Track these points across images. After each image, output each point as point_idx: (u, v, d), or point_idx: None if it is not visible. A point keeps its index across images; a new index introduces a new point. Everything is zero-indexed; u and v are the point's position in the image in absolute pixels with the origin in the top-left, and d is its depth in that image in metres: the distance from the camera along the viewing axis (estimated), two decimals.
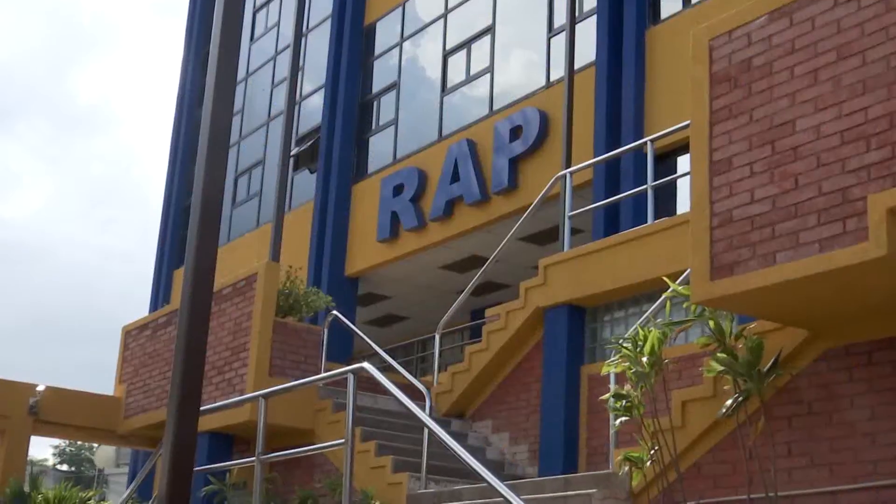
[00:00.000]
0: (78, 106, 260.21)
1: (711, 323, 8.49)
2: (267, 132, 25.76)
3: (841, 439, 8.17)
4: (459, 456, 8.40)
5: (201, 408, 10.53)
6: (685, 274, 8.92)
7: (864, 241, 6.83)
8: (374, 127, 22.73)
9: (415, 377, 13.81)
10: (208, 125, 6.21)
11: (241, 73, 26.73)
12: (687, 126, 8.79)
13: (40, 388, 16.74)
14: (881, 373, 8.03)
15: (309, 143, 23.69)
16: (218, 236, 6.30)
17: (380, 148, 22.21)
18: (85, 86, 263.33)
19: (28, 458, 17.37)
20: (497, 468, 12.07)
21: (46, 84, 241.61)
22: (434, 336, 15.03)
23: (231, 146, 25.94)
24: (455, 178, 18.75)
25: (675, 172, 13.70)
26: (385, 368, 12.83)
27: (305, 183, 23.75)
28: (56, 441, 58.53)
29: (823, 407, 8.34)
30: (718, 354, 8.45)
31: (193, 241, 6.03)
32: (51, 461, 62.15)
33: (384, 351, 15.29)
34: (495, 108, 19.02)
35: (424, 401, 11.87)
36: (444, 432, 8.86)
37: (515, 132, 17.87)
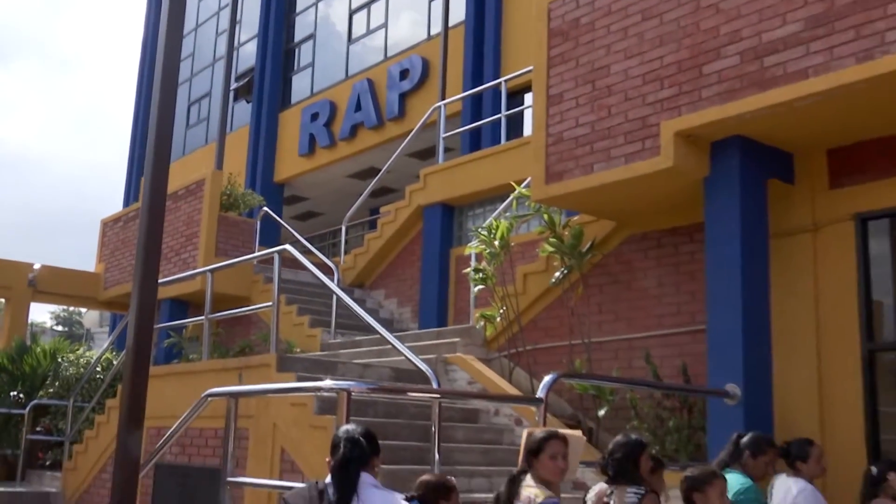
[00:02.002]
0: (63, 47, 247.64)
1: (546, 216, 8.59)
2: (212, 71, 24.92)
3: (636, 300, 8.39)
4: (360, 315, 8.41)
5: (164, 280, 10.33)
6: (527, 180, 8.97)
7: (657, 156, 6.94)
8: (295, 68, 22.15)
9: (327, 258, 13.75)
10: (161, 65, 5.95)
11: (191, 25, 25.89)
12: (530, 70, 8.75)
13: (37, 266, 16.35)
14: (666, 253, 8.24)
15: (245, 80, 23.05)
16: (170, 150, 6.01)
17: (300, 84, 21.68)
18: (68, 30, 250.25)
19: (29, 321, 16.94)
20: (388, 324, 12.13)
21: (35, 28, 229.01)
22: (341, 227, 14.97)
23: (184, 82, 25.31)
24: (358, 108, 18.46)
25: (523, 105, 13.69)
26: (305, 252, 12.71)
27: (243, 111, 23.14)
28: (52, 307, 57.10)
29: (625, 277, 8.54)
30: (550, 239, 8.57)
31: (151, 154, 5.83)
32: (48, 323, 60.51)
33: (304, 238, 15.20)
34: (389, 55, 18.66)
35: (334, 275, 11.86)
36: (348, 298, 8.85)
37: (404, 74, 17.61)
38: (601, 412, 7.91)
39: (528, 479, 4.56)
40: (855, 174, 6.88)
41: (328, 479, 3.61)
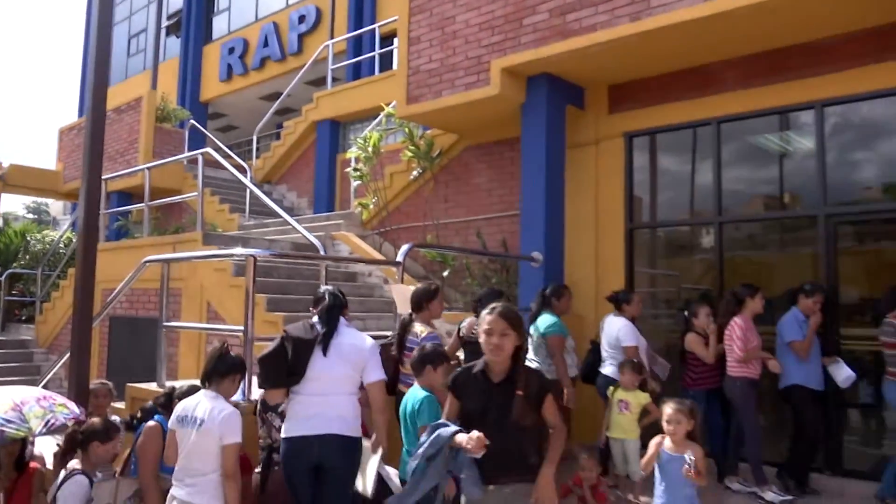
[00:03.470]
0: None
1: (407, 130, 8.48)
2: (148, 11, 22.93)
3: (473, 193, 8.48)
4: (267, 203, 8.17)
5: (110, 175, 9.69)
6: (393, 103, 8.80)
7: (488, 85, 6.91)
8: (216, 11, 20.62)
9: (242, 160, 13.23)
10: (97, 7, 5.40)
11: None
12: (397, 18, 8.46)
13: (5, 164, 15.03)
14: (495, 158, 8.31)
15: (175, 19, 21.39)
16: (109, 71, 5.59)
17: (220, 24, 20.24)
18: None
19: (1, 210, 15.68)
20: (289, 211, 11.88)
21: None
22: (253, 137, 14.38)
23: (124, 20, 23.33)
24: (266, 45, 17.47)
25: (392, 45, 13.29)
26: (225, 156, 12.17)
27: (173, 44, 21.54)
28: (24, 199, 53.06)
29: (465, 177, 8.59)
30: (410, 147, 8.50)
31: (91, 77, 5.35)
32: (21, 212, 56.08)
33: (224, 145, 14.55)
34: (290, 3, 17.62)
35: (247, 173, 11.41)
36: (259, 191, 8.58)
37: (301, 19, 16.72)
38: (445, 273, 8.07)
39: (416, 322, 4.71)
40: (626, 103, 7.07)
41: (315, 318, 3.73)
